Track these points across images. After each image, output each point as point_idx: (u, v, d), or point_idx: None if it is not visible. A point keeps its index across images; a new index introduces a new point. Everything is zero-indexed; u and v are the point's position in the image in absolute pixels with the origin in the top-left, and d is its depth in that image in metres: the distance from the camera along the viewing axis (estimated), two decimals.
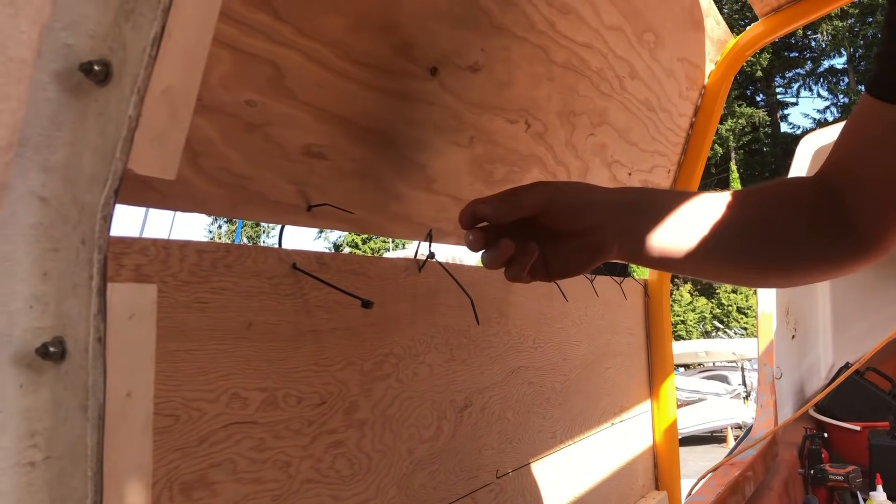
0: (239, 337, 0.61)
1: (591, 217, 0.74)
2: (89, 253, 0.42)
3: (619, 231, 0.75)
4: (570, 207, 0.73)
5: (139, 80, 0.42)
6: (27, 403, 0.43)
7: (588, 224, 0.74)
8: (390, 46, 0.72)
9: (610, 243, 0.75)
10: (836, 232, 0.72)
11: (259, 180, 0.62)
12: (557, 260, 0.76)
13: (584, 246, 0.75)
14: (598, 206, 0.74)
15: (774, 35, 1.61)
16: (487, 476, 1.00)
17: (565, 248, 0.75)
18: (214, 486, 0.59)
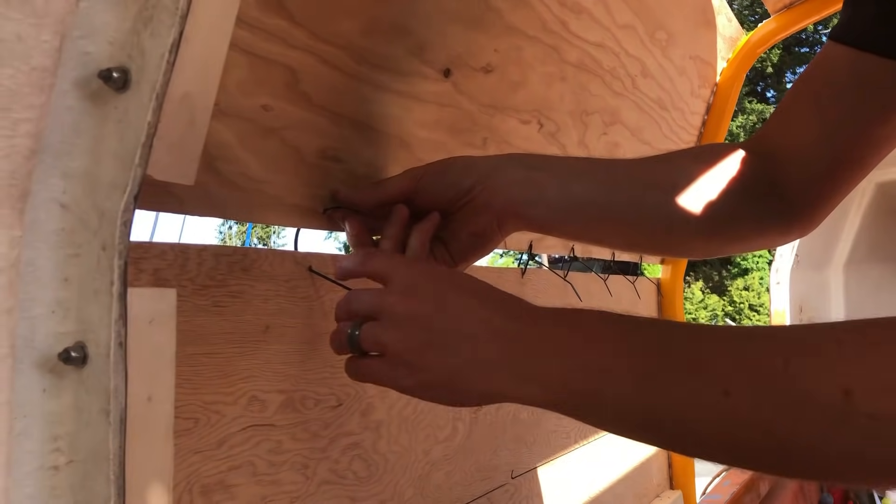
0: (257, 340, 0.61)
1: (465, 179, 0.65)
2: (110, 258, 0.42)
3: (504, 186, 0.65)
4: (440, 176, 0.66)
5: (158, 86, 0.42)
6: (50, 408, 0.43)
7: (464, 187, 0.65)
8: (404, 49, 0.72)
9: (497, 202, 0.65)
10: (767, 199, 0.68)
11: (276, 184, 0.63)
12: (454, 240, 0.68)
13: (472, 212, 0.66)
14: (470, 167, 0.66)
15: (787, 31, 1.60)
16: (503, 476, 1.00)
17: (456, 224, 0.67)
18: (234, 489, 0.59)
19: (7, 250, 0.40)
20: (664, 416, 0.46)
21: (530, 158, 0.69)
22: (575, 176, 0.68)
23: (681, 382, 0.44)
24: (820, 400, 0.40)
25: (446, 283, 0.55)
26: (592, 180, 0.68)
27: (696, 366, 0.44)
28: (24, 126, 0.39)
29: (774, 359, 0.42)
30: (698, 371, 0.44)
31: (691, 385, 0.44)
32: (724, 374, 0.43)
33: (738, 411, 0.42)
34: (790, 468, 0.44)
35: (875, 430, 0.38)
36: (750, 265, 16.85)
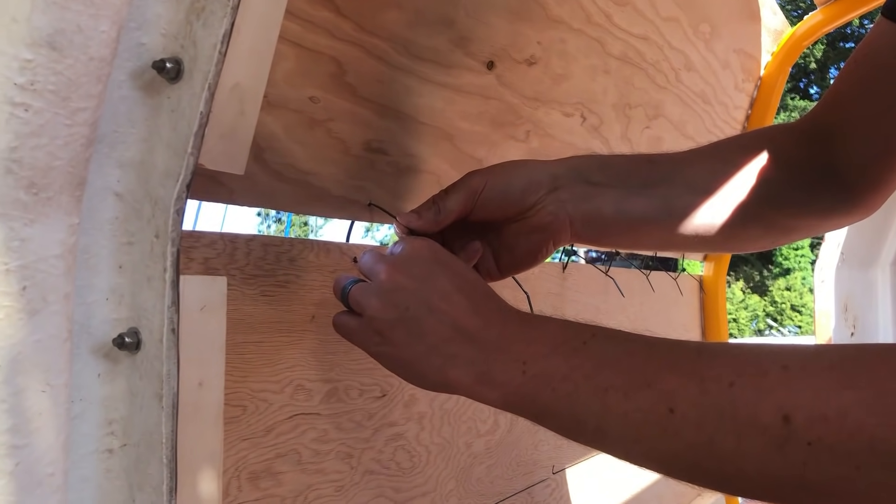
0: (303, 329, 0.62)
1: (529, 196, 0.64)
2: (163, 246, 0.43)
3: (566, 203, 0.65)
4: (502, 193, 0.64)
5: (210, 76, 0.43)
6: (105, 392, 0.44)
7: (527, 204, 0.64)
8: (448, 41, 0.72)
9: (558, 221, 0.65)
10: (824, 181, 0.66)
11: (322, 175, 0.63)
12: (507, 253, 0.67)
13: (530, 229, 0.65)
14: (534, 182, 0.65)
15: (833, 24, 1.57)
16: (544, 472, 1.00)
17: (511, 238, 0.66)
18: (280, 476, 0.60)
19: (65, 237, 0.41)
20: (614, 429, 0.46)
21: (592, 171, 0.67)
22: (633, 191, 0.67)
23: (631, 397, 0.45)
24: (760, 423, 0.40)
25: (438, 267, 0.55)
26: (650, 195, 0.67)
27: (646, 382, 0.45)
28: (81, 115, 0.40)
29: (721, 379, 0.42)
30: (648, 387, 0.44)
31: (640, 400, 0.45)
32: (671, 390, 0.43)
33: (682, 429, 0.43)
34: (731, 487, 0.44)
35: (813, 457, 0.39)
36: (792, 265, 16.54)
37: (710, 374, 0.43)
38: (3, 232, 0.38)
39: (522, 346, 0.50)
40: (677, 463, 0.44)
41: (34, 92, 0.38)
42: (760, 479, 0.41)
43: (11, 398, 0.38)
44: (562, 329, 0.51)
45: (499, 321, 0.53)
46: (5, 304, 0.37)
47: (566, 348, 0.49)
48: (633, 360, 0.46)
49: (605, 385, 0.46)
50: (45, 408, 0.40)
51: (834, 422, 0.38)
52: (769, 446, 0.40)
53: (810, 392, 0.40)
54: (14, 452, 0.38)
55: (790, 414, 0.39)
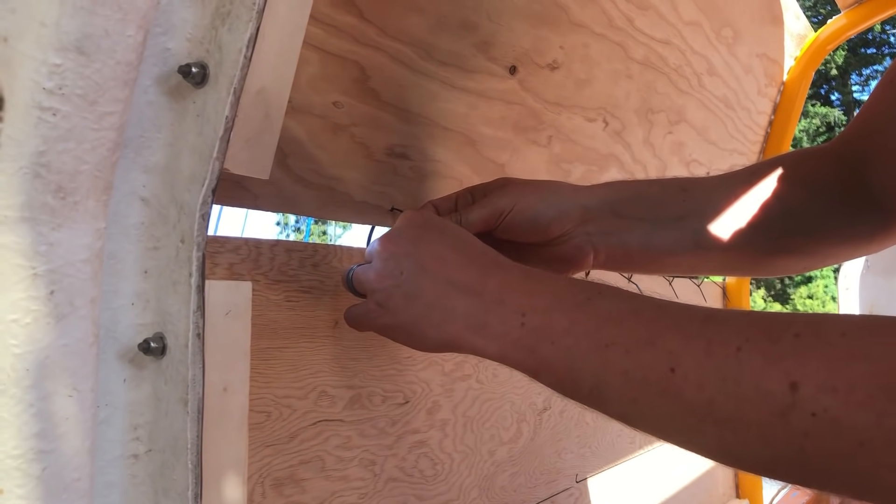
0: (326, 335, 0.62)
1: (555, 226, 0.63)
2: (188, 251, 0.43)
3: (592, 236, 0.64)
4: (530, 221, 0.62)
5: (235, 81, 0.43)
6: (131, 397, 0.44)
7: (553, 234, 0.63)
8: (471, 45, 0.72)
9: (582, 253, 0.64)
10: (858, 206, 0.64)
11: (345, 181, 0.63)
12: None
13: (551, 257, 0.64)
14: (564, 214, 0.63)
15: (857, 28, 1.55)
16: (567, 480, 0.99)
17: (530, 260, 0.64)
18: (304, 483, 0.59)
19: (92, 241, 0.41)
20: (613, 387, 0.45)
21: (623, 202, 0.66)
22: (663, 224, 0.66)
23: (633, 354, 0.44)
24: (765, 388, 0.39)
25: (430, 231, 0.55)
26: (681, 227, 0.66)
27: (649, 340, 0.43)
28: (108, 119, 0.40)
29: (728, 342, 0.41)
30: (651, 345, 0.43)
31: (641, 358, 0.43)
32: (674, 350, 0.42)
33: (682, 389, 0.41)
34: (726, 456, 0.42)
35: (816, 429, 0.37)
36: (814, 273, 16.37)
37: (717, 337, 0.41)
38: (32, 236, 0.38)
39: (523, 297, 0.49)
40: (674, 425, 0.43)
41: (62, 96, 0.38)
42: (758, 448, 0.40)
43: (39, 403, 0.38)
44: (567, 284, 0.49)
45: (498, 273, 0.51)
46: (33, 308, 0.37)
47: (569, 303, 0.47)
48: (639, 318, 0.45)
49: (606, 341, 0.45)
50: (72, 413, 0.40)
51: (842, 393, 0.37)
52: (771, 413, 0.38)
53: (821, 362, 0.38)
54: (41, 457, 0.37)
55: (798, 381, 0.38)
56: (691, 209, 0.67)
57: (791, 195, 0.66)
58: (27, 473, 0.37)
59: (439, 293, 0.52)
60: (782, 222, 0.66)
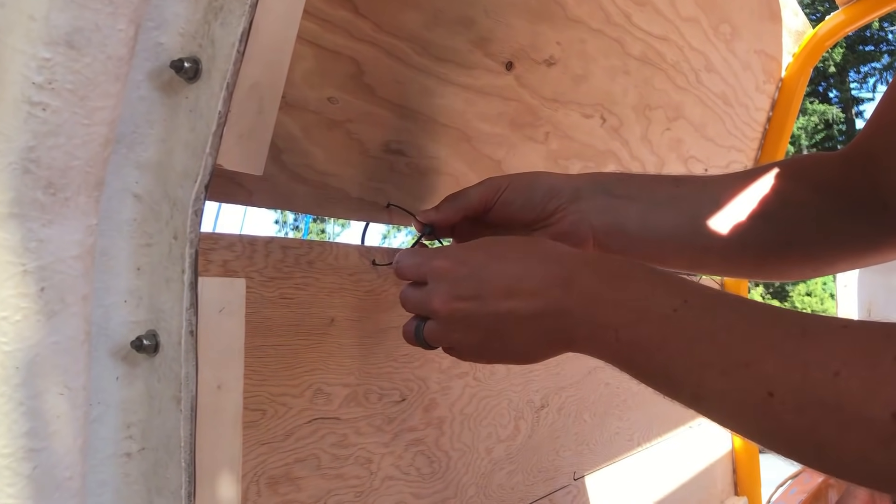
0: (322, 333, 0.61)
1: (550, 201, 0.64)
2: (181, 248, 0.43)
3: (587, 214, 0.65)
4: (524, 196, 0.64)
5: (228, 75, 0.42)
6: (123, 395, 0.44)
7: (548, 210, 0.64)
8: (467, 41, 0.71)
9: (579, 233, 0.65)
10: (867, 211, 0.63)
11: (340, 177, 0.63)
12: None
13: (550, 237, 0.64)
14: (555, 189, 0.64)
15: (856, 24, 1.54)
16: (565, 478, 0.98)
17: None
18: (299, 481, 0.59)
19: (84, 238, 0.40)
20: (710, 403, 0.46)
21: (614, 183, 0.67)
22: (657, 206, 0.66)
23: (729, 375, 0.44)
24: (866, 417, 0.38)
25: (480, 269, 0.54)
26: (676, 211, 0.66)
27: (744, 363, 0.43)
28: (100, 114, 0.40)
29: (825, 366, 0.40)
30: (746, 367, 0.43)
31: (738, 381, 0.44)
32: (771, 374, 0.42)
33: (781, 413, 0.42)
34: (829, 471, 0.43)
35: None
36: None
37: (814, 359, 0.41)
38: (22, 233, 0.37)
39: (610, 310, 0.49)
40: (774, 441, 0.44)
41: (52, 91, 0.37)
42: (861, 469, 0.40)
43: (30, 401, 0.37)
44: (648, 291, 0.49)
45: (575, 283, 0.51)
46: (23, 305, 0.37)
47: (655, 315, 0.47)
48: (731, 336, 0.45)
49: (700, 361, 0.45)
50: (64, 411, 0.39)
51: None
52: (873, 441, 0.38)
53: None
54: (32, 456, 0.37)
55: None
56: (684, 193, 0.67)
57: (791, 191, 0.65)
58: (17, 472, 0.37)
59: (531, 331, 0.53)
60: (783, 218, 0.65)
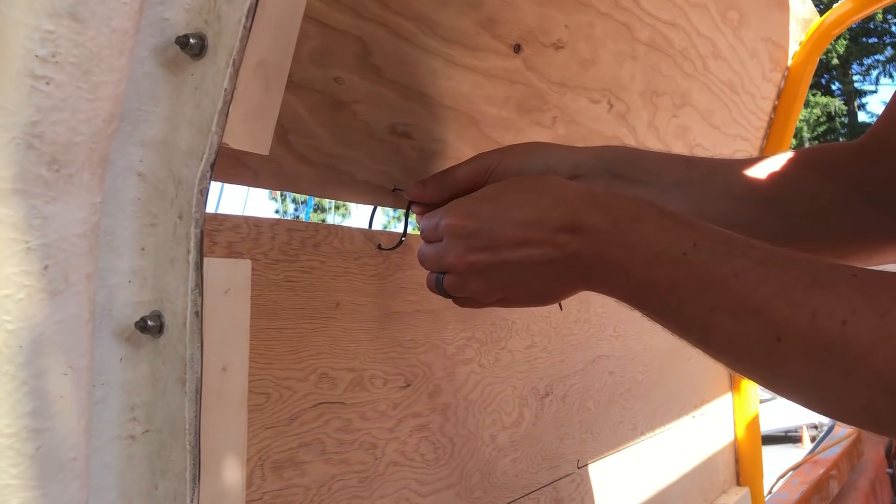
0: (327, 316, 0.60)
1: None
2: (186, 227, 0.42)
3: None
4: (516, 172, 0.62)
5: (234, 52, 0.41)
6: (127, 377, 0.43)
7: None
8: (475, 22, 0.70)
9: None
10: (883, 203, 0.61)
11: (347, 159, 0.62)
12: None
13: None
14: (551, 168, 0.63)
15: (863, 12, 1.53)
16: (569, 466, 0.98)
17: None
18: (304, 466, 0.58)
19: (88, 215, 0.40)
20: (719, 345, 0.47)
21: (621, 163, 0.65)
22: (665, 191, 0.65)
23: (738, 319, 0.45)
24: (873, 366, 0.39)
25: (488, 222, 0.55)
26: (684, 196, 0.65)
27: (754, 309, 0.44)
28: (104, 89, 0.39)
29: (833, 314, 0.41)
30: (756, 314, 0.44)
31: (747, 325, 0.44)
32: (780, 320, 0.43)
33: (788, 358, 0.43)
34: (834, 414, 0.44)
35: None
36: None
37: (822, 307, 0.41)
38: (25, 209, 0.37)
39: (621, 252, 0.50)
40: (780, 385, 0.45)
41: (56, 64, 0.37)
42: (865, 413, 0.41)
43: (33, 380, 0.37)
44: (658, 234, 0.49)
45: (585, 227, 0.52)
46: (27, 283, 0.36)
47: (666, 258, 0.48)
48: (741, 281, 0.45)
49: (711, 304, 0.46)
50: (67, 391, 0.38)
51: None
52: (878, 388, 0.39)
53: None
54: (35, 436, 0.37)
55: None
56: (695, 178, 0.65)
57: (805, 180, 0.64)
58: (21, 452, 0.36)
59: (544, 273, 0.54)
60: (796, 207, 0.64)
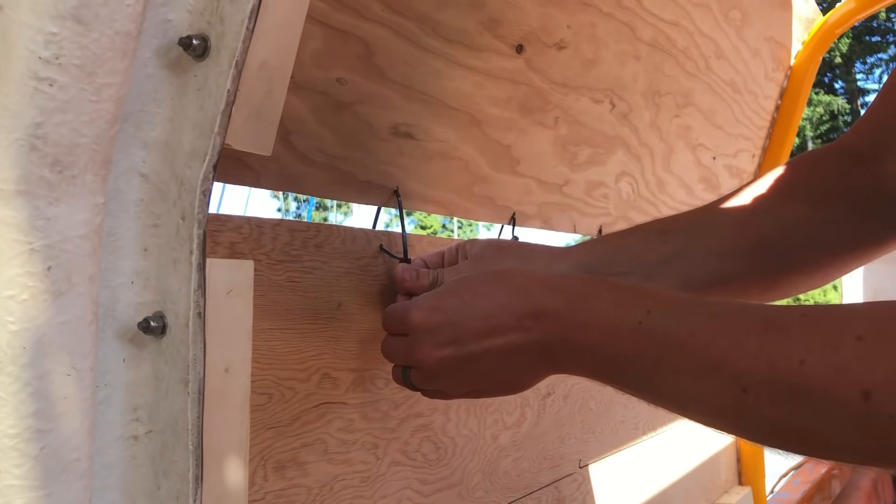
0: (329, 317, 0.61)
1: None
2: (189, 228, 0.42)
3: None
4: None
5: (237, 53, 0.41)
6: (130, 378, 0.43)
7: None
8: (477, 22, 0.70)
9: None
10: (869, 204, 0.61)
11: (349, 160, 0.62)
12: None
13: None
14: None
15: (866, 12, 1.53)
16: (570, 466, 0.98)
17: None
18: (306, 466, 0.59)
19: (90, 216, 0.40)
20: (692, 406, 0.47)
21: (597, 262, 0.65)
22: (649, 276, 0.64)
23: (702, 379, 0.45)
24: (838, 400, 0.39)
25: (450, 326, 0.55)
26: (668, 274, 0.64)
27: (714, 365, 0.44)
28: (107, 91, 0.39)
29: (790, 356, 0.41)
30: (716, 369, 0.44)
31: (711, 383, 0.44)
32: (740, 372, 0.43)
33: (757, 407, 0.43)
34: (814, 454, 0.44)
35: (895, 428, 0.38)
36: None
37: (778, 350, 0.41)
38: (28, 210, 0.37)
39: (582, 333, 0.51)
40: (758, 436, 0.45)
41: (59, 66, 0.37)
42: (842, 449, 0.41)
43: (36, 381, 0.37)
44: (612, 308, 0.50)
45: (546, 312, 0.52)
46: (30, 284, 0.37)
47: (625, 330, 0.48)
48: (697, 339, 0.45)
49: (674, 368, 0.46)
50: (71, 392, 0.39)
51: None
52: (848, 422, 0.39)
53: (889, 363, 0.38)
54: (39, 436, 0.37)
55: (869, 389, 0.38)
56: (675, 250, 0.65)
57: (784, 210, 0.64)
58: (24, 453, 0.36)
59: (509, 366, 0.55)
60: (782, 240, 0.63)
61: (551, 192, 0.91)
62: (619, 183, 1.05)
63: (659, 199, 1.18)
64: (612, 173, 1.03)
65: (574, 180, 0.95)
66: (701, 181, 1.31)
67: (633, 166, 1.07)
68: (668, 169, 1.18)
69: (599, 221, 1.03)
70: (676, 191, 1.23)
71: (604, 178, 1.01)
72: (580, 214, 0.98)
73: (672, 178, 1.20)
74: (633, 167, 1.07)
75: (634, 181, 1.09)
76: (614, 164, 1.02)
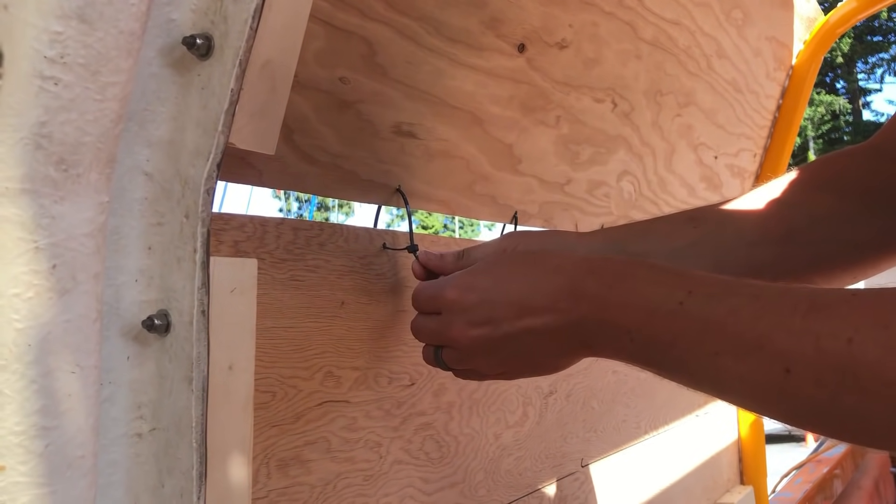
0: (332, 315, 0.61)
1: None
2: (193, 227, 0.42)
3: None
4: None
5: (241, 52, 0.42)
6: (134, 375, 0.43)
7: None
8: (479, 22, 0.71)
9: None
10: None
11: (352, 159, 0.62)
12: None
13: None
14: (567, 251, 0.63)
15: (868, 11, 1.53)
16: (572, 464, 0.98)
17: None
18: (309, 464, 0.59)
19: (95, 215, 0.40)
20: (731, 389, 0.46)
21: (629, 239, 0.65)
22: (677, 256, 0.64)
23: (743, 359, 0.44)
24: (886, 379, 0.38)
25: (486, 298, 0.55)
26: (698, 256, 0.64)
27: (756, 345, 0.43)
28: (111, 90, 0.39)
29: (837, 335, 0.40)
30: (759, 349, 0.43)
31: (753, 363, 0.43)
32: (785, 351, 0.42)
33: (800, 388, 0.41)
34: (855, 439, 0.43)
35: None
36: None
37: (825, 329, 0.40)
38: (33, 209, 0.37)
39: (619, 313, 0.50)
40: (800, 418, 0.44)
41: (64, 65, 0.37)
42: (887, 432, 0.40)
43: (41, 379, 0.37)
44: (652, 289, 0.49)
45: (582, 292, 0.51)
46: (35, 282, 0.37)
47: (664, 311, 0.47)
48: (739, 319, 0.44)
49: (713, 350, 0.45)
50: (75, 389, 0.39)
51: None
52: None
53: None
54: (44, 434, 0.37)
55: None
56: (704, 235, 0.65)
57: (814, 201, 0.63)
58: (29, 450, 0.36)
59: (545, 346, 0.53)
60: (811, 232, 0.63)
61: (553, 192, 0.92)
62: (621, 182, 1.06)
63: (661, 199, 1.18)
64: (613, 172, 1.03)
65: (576, 179, 0.95)
66: (703, 180, 1.31)
67: (635, 165, 1.08)
68: (669, 168, 1.18)
69: (601, 221, 1.03)
70: (678, 190, 1.23)
71: (605, 178, 1.01)
72: (582, 213, 0.99)
73: (674, 178, 1.20)
74: (634, 166, 1.08)
75: (636, 180, 1.09)
76: (616, 163, 1.02)
